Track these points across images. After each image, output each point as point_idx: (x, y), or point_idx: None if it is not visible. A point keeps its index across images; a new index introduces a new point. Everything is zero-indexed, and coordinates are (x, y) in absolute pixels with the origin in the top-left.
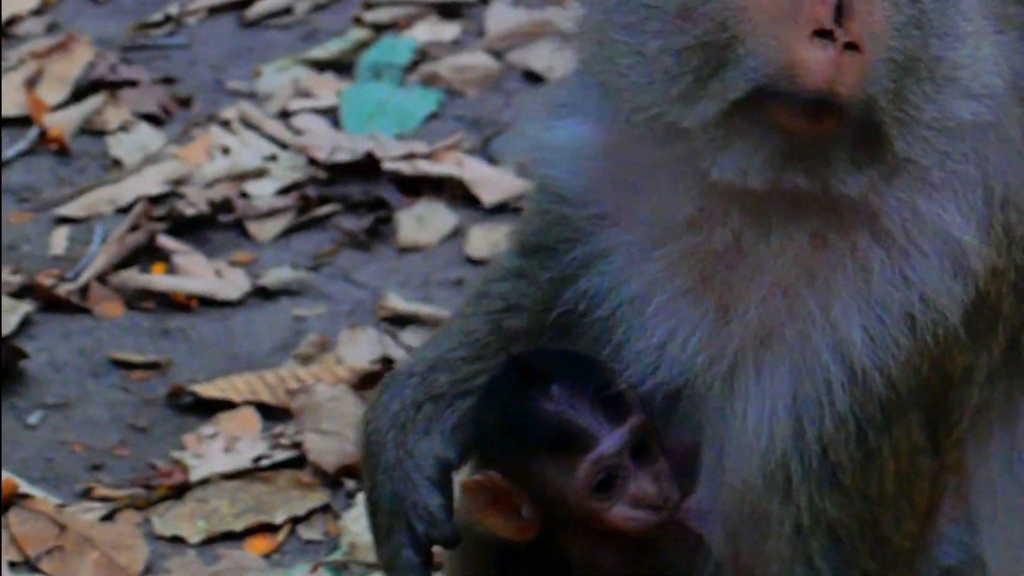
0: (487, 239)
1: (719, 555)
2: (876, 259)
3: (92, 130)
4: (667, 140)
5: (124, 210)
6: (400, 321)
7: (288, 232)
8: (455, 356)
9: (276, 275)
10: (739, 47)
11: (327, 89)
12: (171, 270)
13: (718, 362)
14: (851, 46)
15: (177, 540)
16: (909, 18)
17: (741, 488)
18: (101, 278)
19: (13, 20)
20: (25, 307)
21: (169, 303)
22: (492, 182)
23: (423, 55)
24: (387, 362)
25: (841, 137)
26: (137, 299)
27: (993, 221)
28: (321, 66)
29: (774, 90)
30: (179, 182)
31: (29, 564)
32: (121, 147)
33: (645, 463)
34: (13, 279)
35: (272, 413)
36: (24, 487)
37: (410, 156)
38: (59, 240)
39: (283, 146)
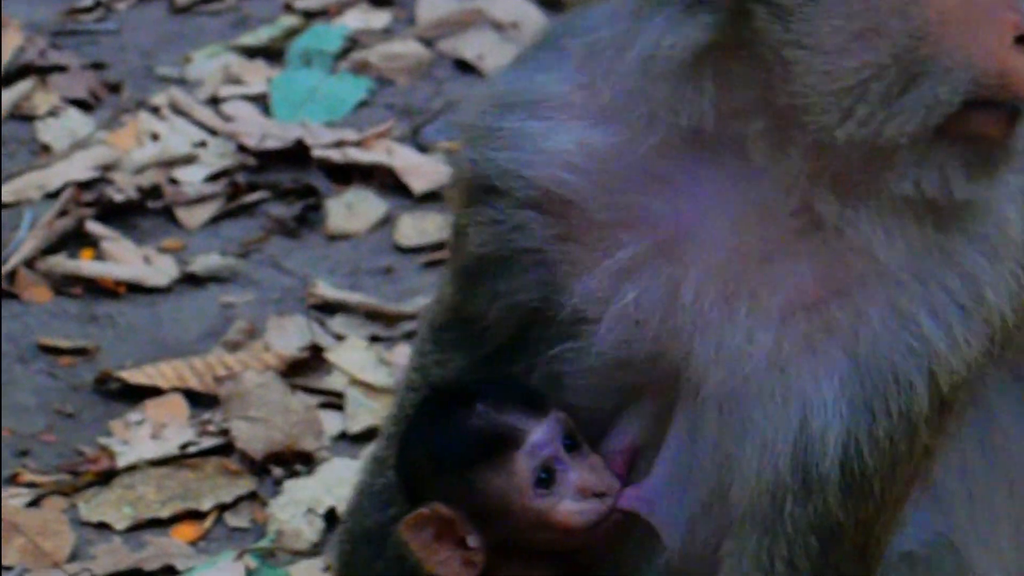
0: (416, 227)
1: (674, 549)
2: (962, 257)
3: (21, 115)
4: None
5: (53, 195)
6: (329, 308)
7: (217, 219)
8: None
9: (205, 262)
10: (938, 61)
11: (257, 76)
12: (99, 256)
13: (769, 359)
14: None
15: (103, 526)
16: None
17: (757, 485)
18: (29, 263)
19: None
20: None
21: (97, 289)
22: (422, 170)
23: (353, 43)
24: (315, 349)
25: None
26: (65, 285)
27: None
28: (251, 53)
29: (984, 99)
30: (108, 168)
31: None
32: (50, 132)
33: (579, 455)
34: None
35: (199, 400)
36: None
37: (340, 144)
38: None
39: (212, 133)
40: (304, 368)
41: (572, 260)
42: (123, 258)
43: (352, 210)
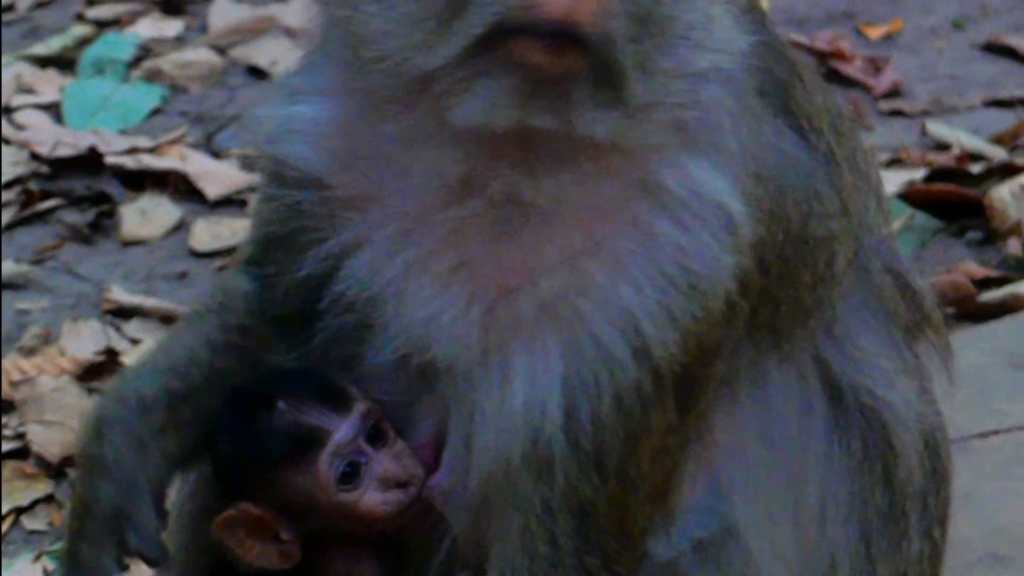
0: (211, 232)
1: (460, 533)
2: (659, 228)
3: None
4: (414, 96)
5: None
6: (124, 314)
7: (11, 226)
8: (191, 360)
9: None
10: None
11: (49, 85)
12: None
13: (485, 341)
14: None
15: None
16: None
17: (495, 466)
18: None
19: None
20: None
21: None
22: (216, 176)
23: (146, 51)
24: (111, 353)
25: (582, 75)
26: None
27: (753, 197)
28: (43, 62)
29: (514, 24)
30: None
31: None
32: None
33: (383, 446)
34: None
35: None
36: None
37: (133, 151)
38: None
39: (5, 141)
40: (100, 372)
41: (339, 239)
42: None
43: (146, 216)
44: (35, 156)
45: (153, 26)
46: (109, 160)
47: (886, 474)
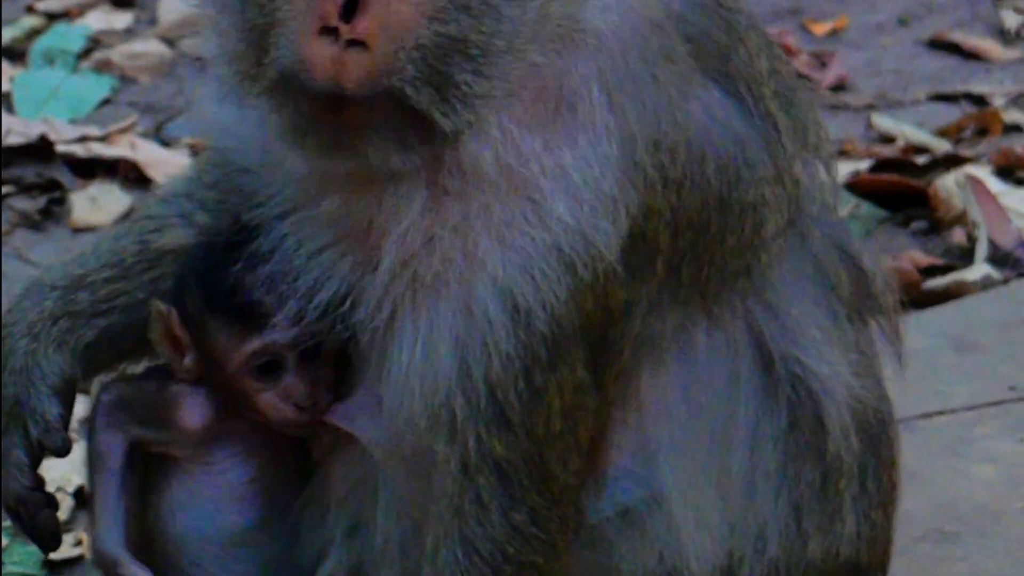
0: None
1: (376, 456)
2: (515, 205)
3: None
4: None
5: None
6: None
7: None
8: (99, 275)
9: None
10: (272, 35)
11: None
12: None
13: (377, 309)
14: (356, 43)
15: None
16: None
17: (406, 429)
18: None
19: None
20: None
21: None
22: (166, 164)
23: (96, 42)
24: None
25: (380, 122)
26: None
27: (641, 164)
28: None
29: (293, 81)
30: None
31: None
32: None
33: (309, 366)
34: None
35: None
36: None
37: (84, 139)
38: None
39: None
40: None
41: (264, 207)
42: None
43: (96, 203)
44: None
45: (103, 18)
46: (60, 148)
47: (815, 447)
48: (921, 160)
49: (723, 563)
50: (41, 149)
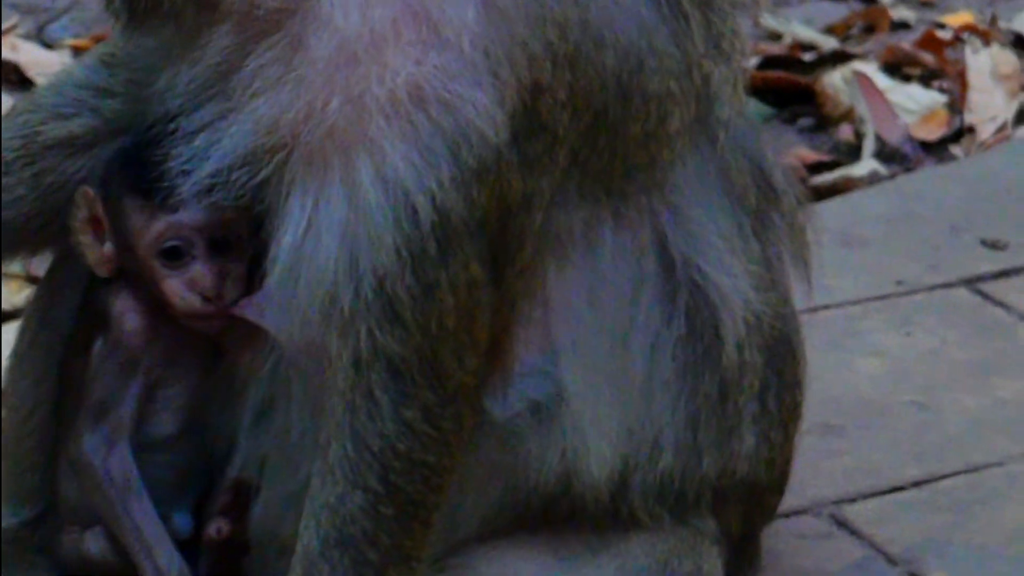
0: None
1: (285, 346)
2: (383, 75)
3: None
4: None
5: None
6: None
7: None
8: None
9: None
10: None
11: None
12: None
13: (270, 187)
14: None
15: None
16: None
17: (301, 320)
18: None
19: None
20: None
21: None
22: (48, 65)
23: None
24: None
25: None
26: None
27: (520, 37)
28: None
29: None
30: None
31: None
32: None
33: (219, 258)
34: None
35: None
36: None
37: None
38: None
39: None
40: None
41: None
42: None
43: None
44: None
45: None
46: None
47: (713, 358)
48: (808, 57)
49: (619, 468)
50: None
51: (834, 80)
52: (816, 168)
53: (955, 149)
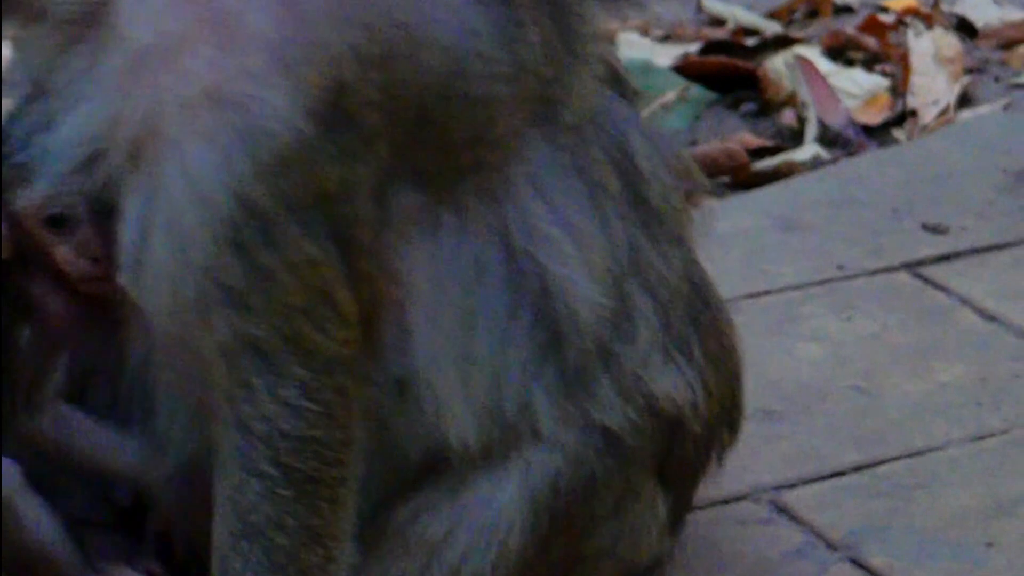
0: None
1: (171, 371)
2: (180, 71)
3: None
4: None
5: None
6: None
7: None
8: None
9: None
10: None
11: None
12: None
13: (110, 179)
14: None
15: None
16: None
17: (154, 308)
18: None
19: None
20: None
21: None
22: None
23: None
24: None
25: None
26: None
27: (325, 41)
28: None
29: None
30: None
31: None
32: None
33: (106, 222)
34: None
35: None
36: None
37: None
38: None
39: None
40: None
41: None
42: None
43: None
44: None
45: None
46: None
47: (555, 351)
48: (751, 42)
49: (479, 449)
50: None
51: (776, 65)
52: (759, 153)
53: (898, 133)
